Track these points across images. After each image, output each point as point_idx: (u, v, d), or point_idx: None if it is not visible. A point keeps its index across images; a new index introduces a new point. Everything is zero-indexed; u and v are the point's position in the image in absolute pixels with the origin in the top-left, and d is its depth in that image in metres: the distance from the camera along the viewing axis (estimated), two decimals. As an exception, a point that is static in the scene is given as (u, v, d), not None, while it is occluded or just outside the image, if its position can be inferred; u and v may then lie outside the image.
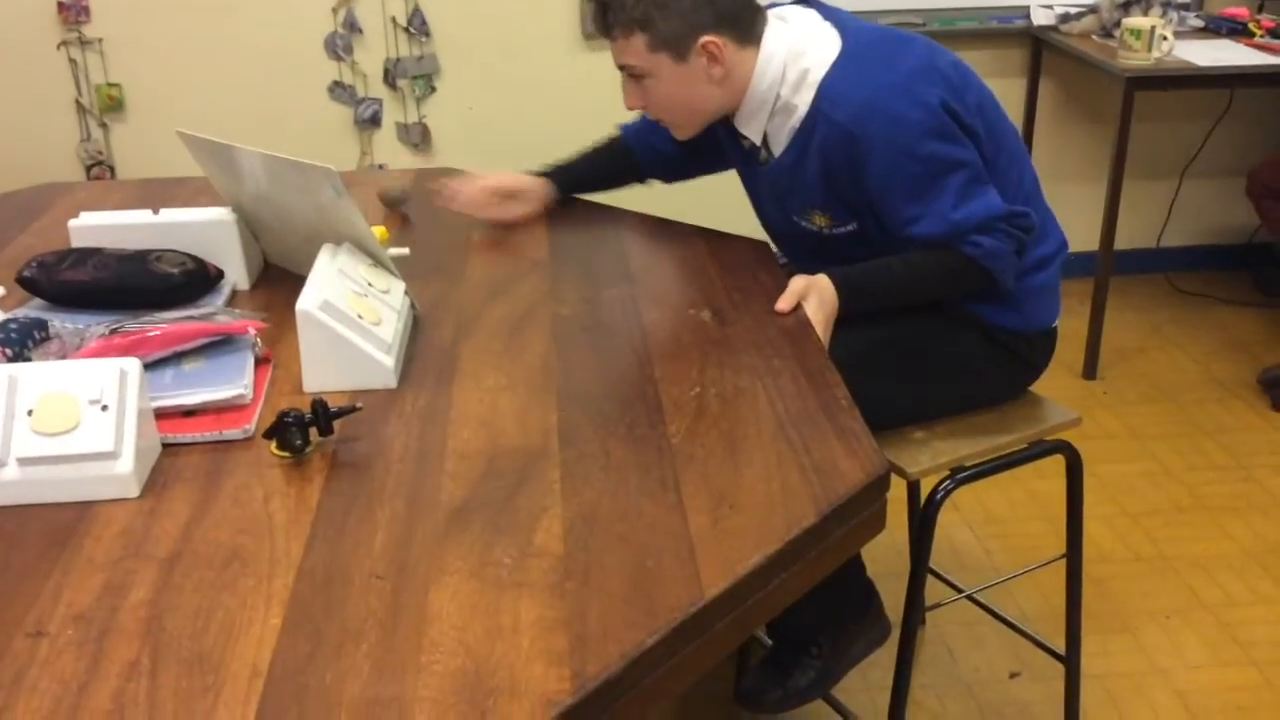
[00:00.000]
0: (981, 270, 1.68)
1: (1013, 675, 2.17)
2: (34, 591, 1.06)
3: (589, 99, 3.45)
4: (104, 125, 3.35)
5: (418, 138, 3.45)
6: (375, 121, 3.43)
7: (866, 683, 2.15)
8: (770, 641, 1.95)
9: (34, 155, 3.34)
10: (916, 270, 1.69)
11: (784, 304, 1.61)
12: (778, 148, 1.74)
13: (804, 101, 1.66)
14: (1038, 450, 1.79)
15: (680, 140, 1.83)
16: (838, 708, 1.99)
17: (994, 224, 1.66)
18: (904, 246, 1.69)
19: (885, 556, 2.46)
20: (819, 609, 1.80)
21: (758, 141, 1.76)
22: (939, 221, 1.64)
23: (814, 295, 1.63)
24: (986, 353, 1.79)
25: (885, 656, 2.13)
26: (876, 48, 1.66)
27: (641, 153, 1.99)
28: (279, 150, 1.56)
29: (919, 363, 1.76)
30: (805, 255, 1.84)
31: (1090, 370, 3.23)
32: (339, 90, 3.39)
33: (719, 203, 2.55)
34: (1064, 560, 1.92)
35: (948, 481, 1.71)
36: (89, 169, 3.38)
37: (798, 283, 1.63)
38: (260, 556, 1.10)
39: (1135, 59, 3.04)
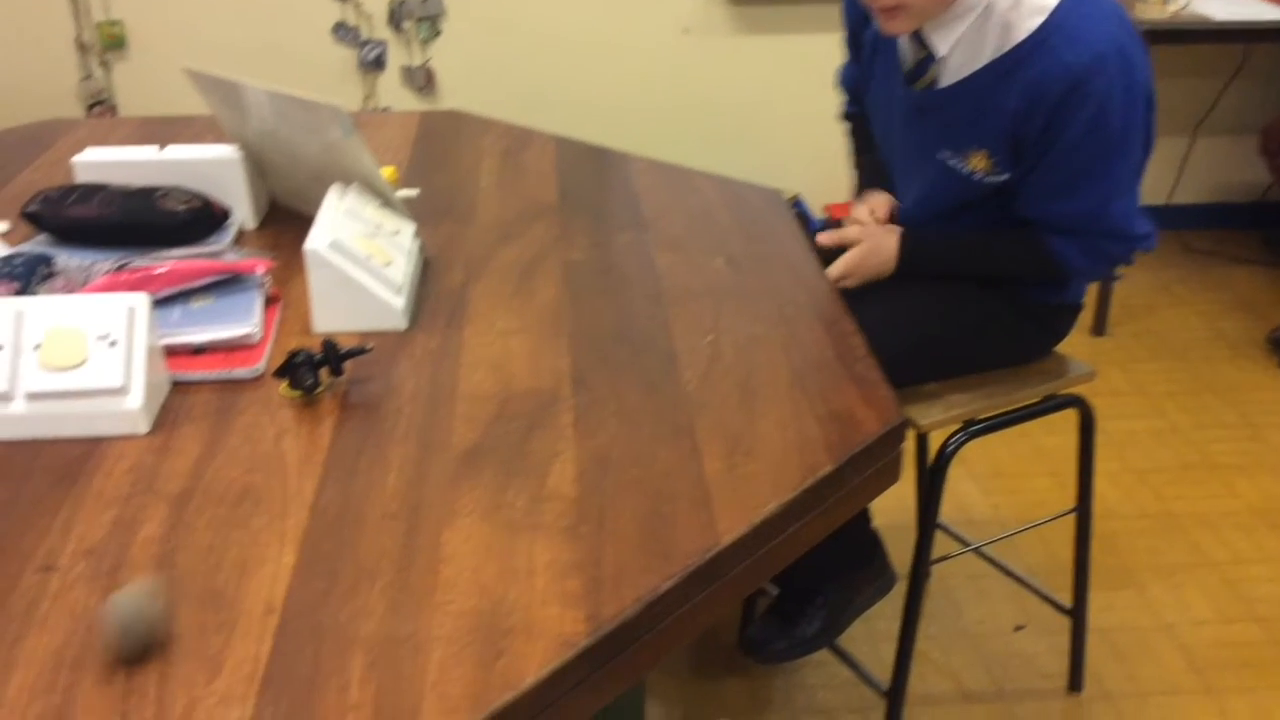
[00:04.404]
0: (1059, 274, 1.67)
1: (1018, 628, 2.18)
2: (44, 526, 1.05)
3: (595, 42, 3.41)
4: (105, 63, 3.30)
5: (422, 81, 3.41)
6: (380, 64, 3.39)
7: (871, 633, 2.15)
8: (776, 591, 1.95)
9: (35, 95, 3.30)
10: (998, 257, 1.68)
11: (828, 239, 1.65)
12: (960, 69, 1.58)
13: (1025, 26, 1.51)
14: (1051, 404, 1.78)
15: (893, 33, 1.58)
16: (843, 657, 2.00)
17: (1117, 239, 1.62)
18: (1027, 211, 1.63)
19: (892, 509, 2.46)
20: (825, 559, 1.80)
21: (944, 53, 1.58)
22: (1087, 203, 1.58)
23: (858, 253, 1.64)
24: (1013, 320, 1.75)
25: (890, 608, 2.14)
26: (1106, 1, 1.55)
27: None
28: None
29: (944, 325, 1.72)
30: (919, 201, 1.74)
31: (1099, 327, 3.22)
32: (343, 31, 3.34)
33: (727, 155, 2.52)
34: (1071, 515, 1.91)
35: (960, 434, 1.69)
36: (90, 108, 3.33)
37: (852, 230, 1.65)
38: (273, 495, 1.09)
39: (1151, 12, 3.00)
